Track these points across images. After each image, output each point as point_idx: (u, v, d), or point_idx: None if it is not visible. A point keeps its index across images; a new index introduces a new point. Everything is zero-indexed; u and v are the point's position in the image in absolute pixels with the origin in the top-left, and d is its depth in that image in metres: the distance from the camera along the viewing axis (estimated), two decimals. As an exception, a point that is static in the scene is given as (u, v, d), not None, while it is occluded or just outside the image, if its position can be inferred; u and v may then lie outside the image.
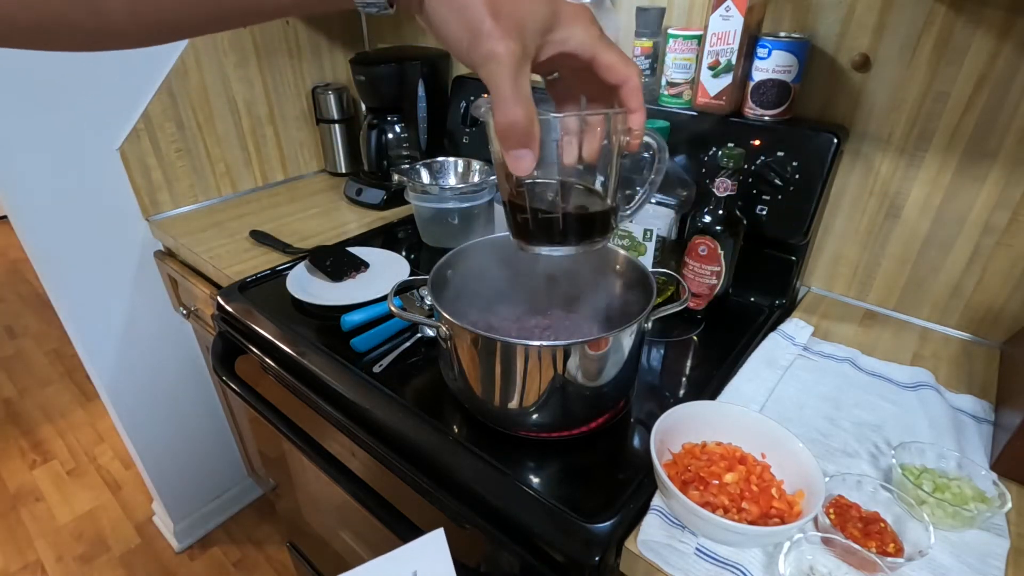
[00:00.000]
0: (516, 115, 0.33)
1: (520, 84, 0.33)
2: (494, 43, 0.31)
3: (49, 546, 1.58)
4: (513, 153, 0.35)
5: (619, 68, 0.37)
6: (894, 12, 0.72)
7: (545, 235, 0.44)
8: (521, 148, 0.35)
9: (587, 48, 0.36)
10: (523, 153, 0.35)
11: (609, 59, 0.36)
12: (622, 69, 0.37)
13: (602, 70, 0.37)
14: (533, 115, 0.34)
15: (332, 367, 0.73)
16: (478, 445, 0.62)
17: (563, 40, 0.35)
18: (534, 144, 0.35)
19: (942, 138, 0.74)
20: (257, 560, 1.53)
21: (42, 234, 1.04)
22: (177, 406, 1.37)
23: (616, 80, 0.37)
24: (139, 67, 1.06)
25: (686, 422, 0.58)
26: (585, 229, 0.45)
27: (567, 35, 0.35)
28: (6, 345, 2.40)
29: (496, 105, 0.33)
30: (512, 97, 0.32)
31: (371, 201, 1.21)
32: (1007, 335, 0.77)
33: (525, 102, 0.33)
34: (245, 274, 0.94)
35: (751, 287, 0.87)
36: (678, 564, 0.50)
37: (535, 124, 0.34)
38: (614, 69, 0.37)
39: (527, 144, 0.35)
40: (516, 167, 0.36)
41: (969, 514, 0.50)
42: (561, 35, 0.35)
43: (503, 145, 0.35)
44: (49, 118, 0.99)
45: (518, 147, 0.35)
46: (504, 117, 0.33)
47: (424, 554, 0.46)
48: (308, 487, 0.99)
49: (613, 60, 0.36)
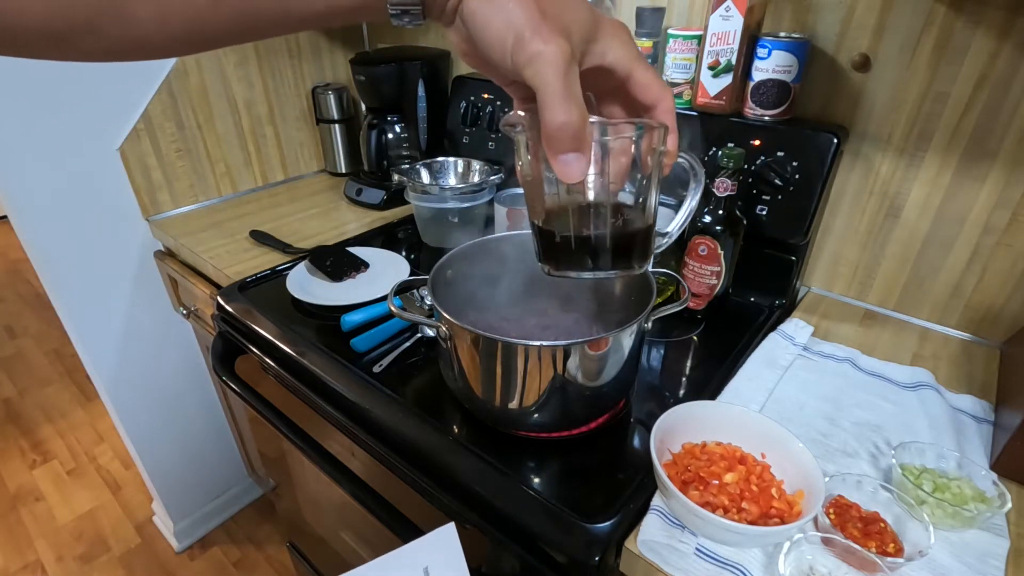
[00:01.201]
0: (570, 115, 0.31)
1: (571, 83, 0.31)
2: (542, 43, 0.30)
3: (49, 546, 1.58)
4: (563, 158, 0.33)
5: (655, 88, 0.36)
6: (894, 12, 0.72)
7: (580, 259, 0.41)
8: (573, 152, 0.33)
9: (625, 64, 0.35)
10: (574, 157, 0.33)
11: (646, 78, 0.36)
12: (658, 90, 0.36)
13: (637, 88, 0.36)
14: (586, 116, 0.32)
15: (332, 367, 0.73)
16: (478, 445, 0.62)
17: (602, 52, 0.34)
18: (586, 148, 0.33)
19: (942, 138, 0.74)
20: (257, 560, 1.53)
21: (42, 234, 1.04)
22: (177, 406, 1.37)
23: (651, 100, 0.36)
24: (139, 67, 1.06)
25: (686, 422, 0.58)
26: (625, 254, 0.42)
27: (606, 48, 0.34)
28: (6, 345, 2.40)
29: (546, 106, 0.31)
30: (564, 97, 0.31)
31: (371, 201, 1.21)
32: (1007, 335, 0.77)
33: (578, 102, 0.31)
34: (245, 274, 0.94)
35: (751, 287, 0.87)
36: (678, 564, 0.50)
37: (587, 126, 0.32)
38: (650, 89, 0.36)
39: (579, 148, 0.33)
40: (567, 173, 0.33)
41: (969, 514, 0.50)
42: (601, 47, 0.34)
43: (552, 149, 0.33)
44: (49, 118, 0.99)
45: (569, 151, 0.33)
46: (556, 118, 0.31)
47: (435, 549, 0.46)
48: (308, 487, 0.99)
49: (650, 79, 0.36)
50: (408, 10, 0.32)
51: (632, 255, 0.42)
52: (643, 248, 0.43)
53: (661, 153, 0.38)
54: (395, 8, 0.32)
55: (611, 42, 0.34)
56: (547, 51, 0.30)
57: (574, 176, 0.33)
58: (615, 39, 0.34)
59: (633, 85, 0.36)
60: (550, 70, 0.30)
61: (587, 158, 0.33)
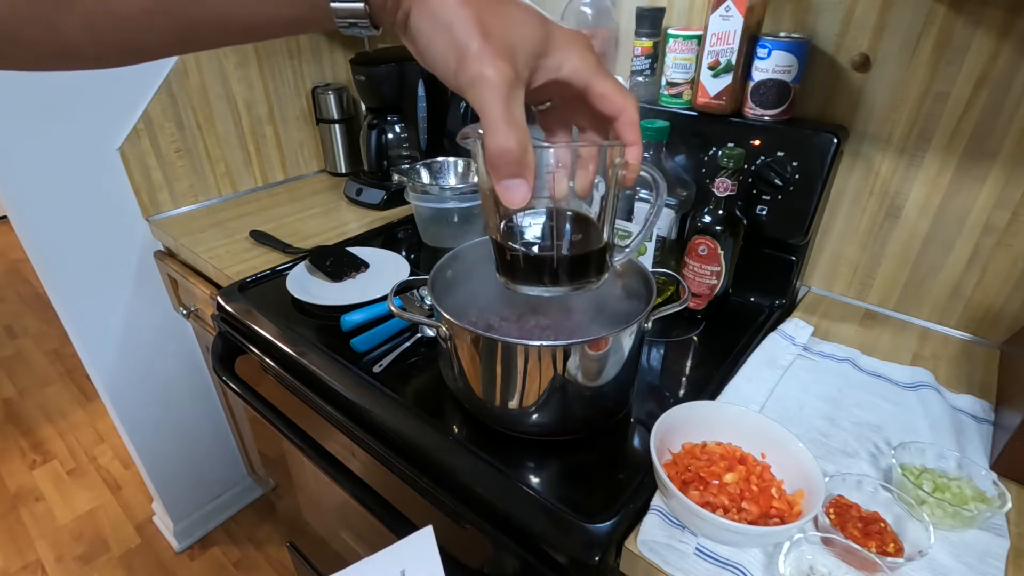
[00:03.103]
0: (509, 142, 0.31)
1: (513, 108, 0.30)
2: (484, 65, 0.29)
3: (49, 546, 1.58)
4: (505, 183, 0.33)
5: (615, 99, 0.35)
6: (894, 12, 0.72)
7: (535, 275, 0.41)
8: (514, 178, 0.32)
9: (581, 76, 0.34)
10: (516, 183, 0.33)
11: (605, 88, 0.34)
12: (618, 100, 0.35)
13: (597, 100, 0.35)
14: (527, 142, 0.31)
15: (332, 367, 0.73)
16: (478, 445, 0.62)
17: (556, 66, 0.33)
18: (528, 174, 0.32)
19: (942, 138, 0.74)
20: (257, 560, 1.53)
21: (42, 234, 1.04)
22: (177, 406, 1.37)
23: (611, 111, 0.35)
24: (139, 67, 1.06)
25: (686, 422, 0.58)
26: (579, 269, 0.42)
27: (560, 61, 0.33)
28: (6, 345, 2.40)
29: (487, 131, 0.31)
30: (504, 122, 0.30)
31: (371, 201, 1.21)
32: (1007, 335, 0.77)
33: (519, 128, 0.31)
34: (245, 274, 0.94)
35: (751, 287, 0.87)
36: (678, 564, 0.50)
37: (529, 152, 0.32)
38: (610, 99, 0.35)
39: (520, 174, 0.32)
40: (509, 199, 0.33)
41: (969, 514, 0.50)
42: (554, 61, 0.33)
43: (494, 174, 0.33)
44: (49, 118, 0.99)
45: (510, 177, 0.32)
46: (496, 144, 0.31)
47: (412, 552, 0.46)
48: (308, 487, 0.99)
49: (609, 90, 0.34)
50: (356, 22, 0.31)
51: (587, 272, 0.42)
52: (598, 264, 0.42)
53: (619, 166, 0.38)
54: (343, 21, 0.31)
55: (566, 55, 0.33)
56: (487, 75, 0.29)
57: (516, 201, 0.33)
58: (571, 51, 0.33)
59: (592, 97, 0.35)
60: (489, 95, 0.30)
61: (529, 183, 0.33)
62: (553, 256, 0.40)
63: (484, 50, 0.29)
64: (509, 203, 0.33)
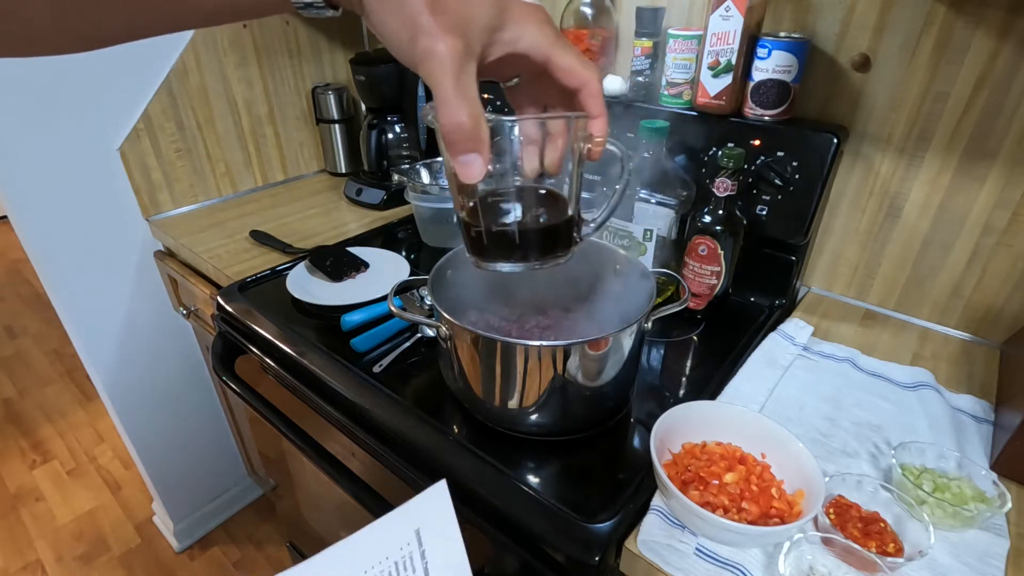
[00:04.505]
0: (460, 116, 0.30)
1: (463, 83, 0.30)
2: (433, 40, 0.29)
3: (49, 546, 1.58)
4: (460, 159, 0.32)
5: (577, 71, 0.34)
6: (894, 12, 0.72)
7: (503, 251, 0.41)
8: (468, 153, 0.32)
9: (540, 49, 0.33)
10: (471, 158, 0.32)
11: (565, 61, 0.34)
12: (580, 72, 0.34)
13: (559, 73, 0.34)
14: (479, 116, 0.31)
15: (332, 367, 0.73)
16: (478, 445, 0.62)
17: (513, 40, 0.33)
18: (482, 148, 0.32)
19: (942, 138, 0.74)
20: (257, 560, 1.53)
21: (42, 234, 1.04)
22: (177, 406, 1.37)
23: (574, 84, 0.35)
24: (139, 67, 1.06)
25: (686, 422, 0.58)
26: (546, 244, 0.42)
27: (517, 34, 0.33)
28: (6, 345, 2.40)
29: (439, 106, 0.30)
30: (455, 97, 0.30)
31: (371, 201, 1.21)
32: (1007, 335, 0.77)
33: (470, 102, 0.31)
34: (245, 274, 0.94)
35: (751, 287, 0.87)
36: (678, 564, 0.50)
37: (482, 126, 0.32)
38: (571, 72, 0.34)
39: (475, 148, 0.32)
40: (465, 174, 0.33)
41: (969, 514, 0.50)
42: (510, 34, 0.32)
43: (449, 150, 0.32)
44: (49, 118, 0.99)
45: (465, 152, 0.32)
46: (448, 119, 0.31)
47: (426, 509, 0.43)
48: (308, 487, 0.99)
49: (569, 62, 0.34)
50: (311, 3, 0.31)
51: (555, 247, 0.42)
52: (565, 239, 0.42)
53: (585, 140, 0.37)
54: (299, 2, 0.31)
55: (523, 28, 0.33)
56: (437, 49, 0.29)
57: (472, 176, 0.33)
58: (528, 24, 0.33)
59: (554, 70, 0.34)
60: (440, 70, 0.29)
61: (485, 158, 0.33)
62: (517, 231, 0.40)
63: (434, 25, 0.29)
64: (465, 178, 0.33)
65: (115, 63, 1.03)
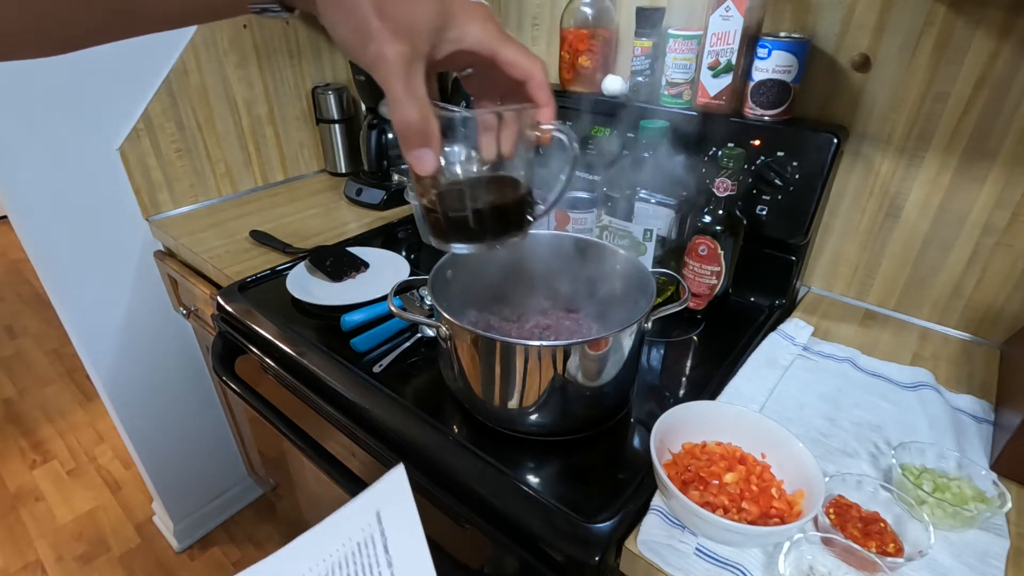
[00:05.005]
0: (411, 115, 0.33)
1: (412, 84, 0.32)
2: (381, 45, 0.31)
3: (49, 546, 1.58)
4: (413, 153, 0.35)
5: (522, 64, 0.37)
6: (894, 12, 0.72)
7: (461, 233, 0.44)
8: (419, 148, 0.35)
9: (485, 45, 0.36)
10: (423, 152, 0.35)
11: (509, 55, 0.36)
12: (525, 65, 0.37)
13: (505, 66, 0.37)
14: (428, 114, 0.34)
15: (332, 367, 0.73)
16: (478, 445, 0.62)
17: (458, 38, 0.35)
18: (433, 142, 0.35)
19: (942, 138, 0.74)
20: (257, 560, 1.52)
21: (42, 234, 1.04)
22: (177, 406, 1.37)
23: (520, 76, 0.37)
24: (139, 67, 1.06)
25: (686, 422, 0.58)
26: (501, 225, 0.45)
27: (462, 33, 0.35)
28: (6, 345, 2.40)
29: (391, 106, 0.33)
30: (405, 98, 0.32)
31: (371, 201, 1.21)
32: (1007, 335, 0.77)
33: (419, 102, 0.33)
34: (245, 274, 0.94)
35: (751, 287, 0.87)
36: (678, 564, 0.50)
37: (431, 123, 0.34)
38: (516, 65, 0.37)
39: (425, 143, 0.35)
40: (418, 167, 0.36)
41: (969, 514, 0.50)
42: (456, 33, 0.34)
43: (403, 145, 0.35)
44: (49, 118, 0.99)
45: (416, 147, 0.35)
46: (399, 117, 0.33)
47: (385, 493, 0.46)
48: (308, 487, 0.99)
49: (514, 57, 0.36)
50: (268, 7, 0.34)
51: (509, 226, 0.45)
52: (518, 219, 0.45)
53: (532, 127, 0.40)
54: (255, 5, 0.33)
55: (467, 27, 0.35)
56: (386, 54, 0.31)
57: (424, 169, 0.36)
58: (471, 23, 0.35)
59: (501, 64, 0.37)
60: (389, 73, 0.32)
61: (436, 151, 0.35)
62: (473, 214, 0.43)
63: (382, 30, 0.31)
64: (419, 171, 0.36)
65: (115, 63, 1.03)
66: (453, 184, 0.42)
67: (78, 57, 0.98)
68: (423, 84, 0.33)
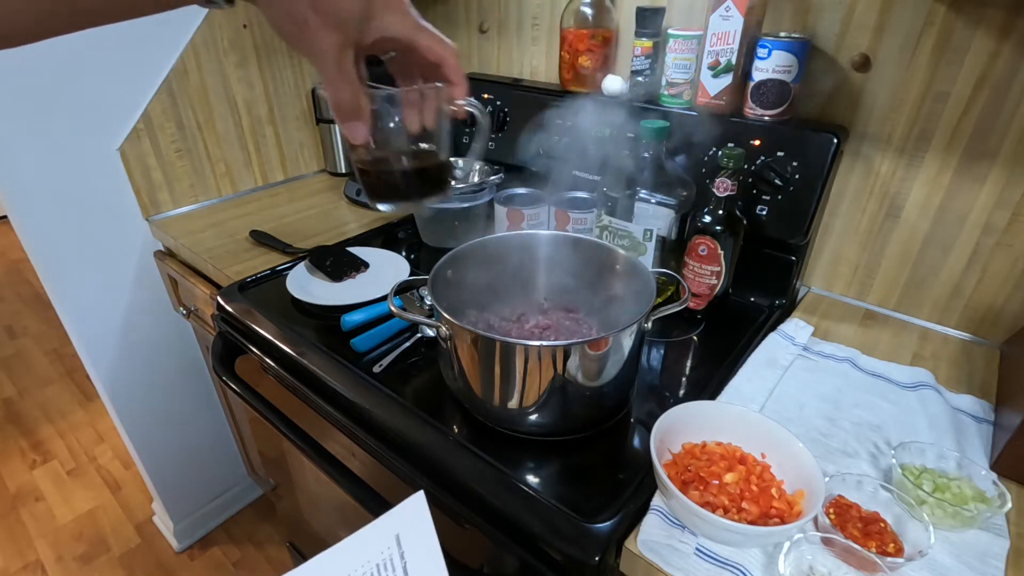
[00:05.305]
0: (343, 94, 0.39)
1: (344, 68, 0.38)
2: (317, 34, 0.36)
3: (49, 546, 1.58)
4: (347, 125, 0.41)
5: (436, 49, 0.42)
6: (894, 12, 0.72)
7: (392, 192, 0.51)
8: (352, 121, 0.41)
9: (405, 33, 0.41)
10: (355, 125, 0.41)
11: (427, 42, 0.42)
12: (439, 50, 0.42)
13: (423, 51, 0.42)
14: (358, 93, 0.40)
15: (332, 367, 0.73)
16: (478, 445, 0.62)
17: (382, 27, 0.39)
18: (363, 116, 0.41)
19: (942, 138, 0.74)
20: (257, 560, 1.53)
21: (42, 234, 1.04)
22: (177, 406, 1.37)
23: (436, 60, 0.43)
24: (139, 67, 1.06)
25: (686, 422, 0.58)
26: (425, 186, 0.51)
27: (385, 23, 0.39)
28: (6, 345, 2.40)
29: (327, 88, 0.39)
30: (337, 79, 0.38)
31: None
32: (1007, 335, 0.77)
33: (350, 82, 0.39)
34: (245, 274, 0.94)
35: (751, 287, 0.87)
36: (678, 564, 0.50)
37: (360, 100, 0.40)
38: (432, 51, 0.42)
39: (357, 117, 0.41)
40: (351, 136, 0.42)
41: (969, 514, 0.50)
42: (379, 23, 0.39)
43: (337, 120, 0.41)
44: (49, 118, 0.99)
45: (349, 120, 0.41)
46: (334, 97, 0.39)
47: (406, 518, 0.48)
48: (308, 487, 0.99)
49: (430, 43, 0.42)
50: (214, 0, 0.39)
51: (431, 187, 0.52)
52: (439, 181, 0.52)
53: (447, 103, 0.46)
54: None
55: (388, 17, 0.40)
56: (321, 44, 0.36)
57: (357, 139, 0.42)
58: (391, 14, 0.40)
59: (419, 49, 0.42)
60: (324, 59, 0.37)
61: (365, 124, 0.42)
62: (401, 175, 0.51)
63: (317, 22, 0.36)
64: (353, 140, 0.42)
65: (115, 63, 1.03)
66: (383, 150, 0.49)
67: (78, 57, 0.98)
68: (353, 67, 0.39)
